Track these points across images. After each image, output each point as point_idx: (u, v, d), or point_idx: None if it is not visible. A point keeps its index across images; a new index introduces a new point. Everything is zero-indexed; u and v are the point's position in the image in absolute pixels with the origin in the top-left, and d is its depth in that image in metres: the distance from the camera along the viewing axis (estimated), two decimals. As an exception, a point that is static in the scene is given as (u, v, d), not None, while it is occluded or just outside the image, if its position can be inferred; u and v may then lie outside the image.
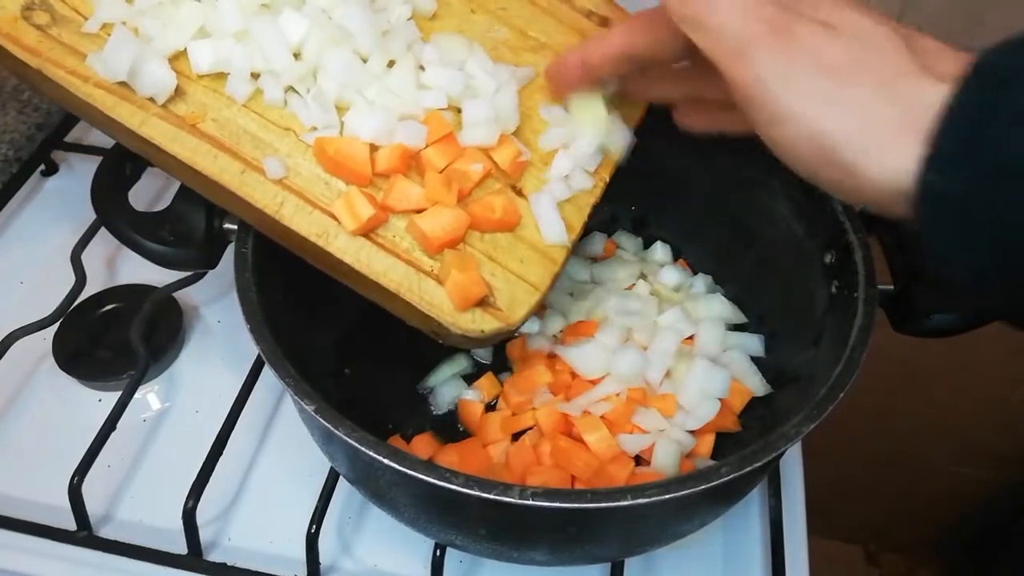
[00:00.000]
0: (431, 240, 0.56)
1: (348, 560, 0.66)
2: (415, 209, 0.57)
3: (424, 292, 0.56)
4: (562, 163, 0.62)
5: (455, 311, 0.56)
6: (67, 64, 0.57)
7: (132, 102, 0.57)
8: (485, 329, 0.57)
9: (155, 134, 0.56)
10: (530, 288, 0.59)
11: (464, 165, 0.59)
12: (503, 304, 0.58)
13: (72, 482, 0.63)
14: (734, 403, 0.69)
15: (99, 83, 0.57)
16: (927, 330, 0.62)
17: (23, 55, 0.57)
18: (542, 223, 0.61)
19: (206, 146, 0.57)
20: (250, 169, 0.57)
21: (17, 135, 0.89)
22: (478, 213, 0.58)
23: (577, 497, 0.49)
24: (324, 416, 0.51)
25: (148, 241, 0.62)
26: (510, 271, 0.59)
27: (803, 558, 0.66)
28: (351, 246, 0.56)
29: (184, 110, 0.58)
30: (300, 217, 0.56)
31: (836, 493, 1.48)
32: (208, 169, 0.56)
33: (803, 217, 0.68)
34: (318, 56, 0.59)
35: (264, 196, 0.56)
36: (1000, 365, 1.31)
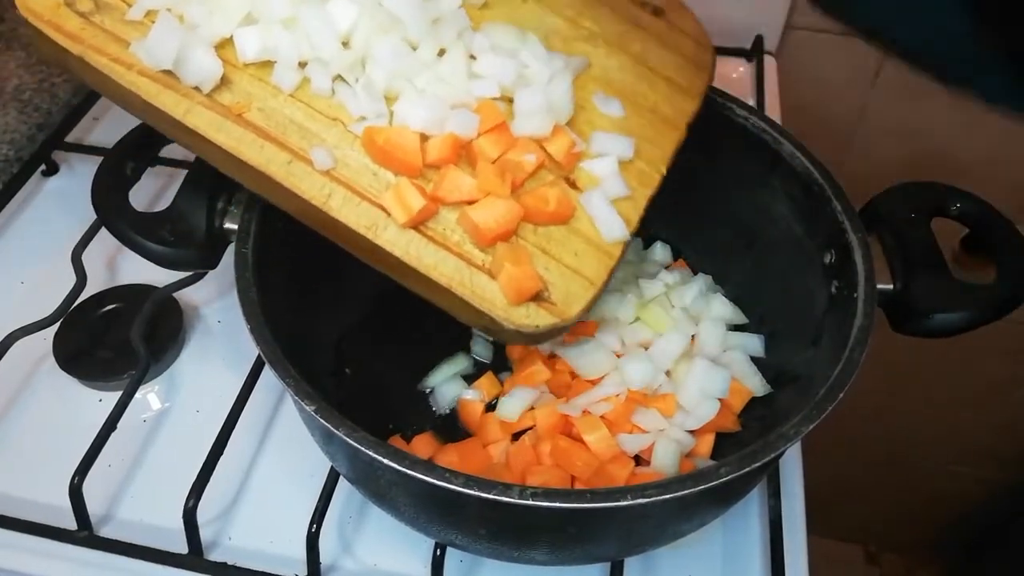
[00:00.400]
0: (483, 232, 0.55)
1: (348, 559, 0.66)
2: (467, 200, 0.56)
3: (476, 286, 0.55)
4: (609, 162, 0.60)
5: (508, 306, 0.54)
6: (110, 51, 0.56)
7: (176, 91, 0.56)
8: (540, 324, 0.55)
9: (200, 123, 0.55)
10: (586, 282, 0.57)
11: (517, 155, 0.57)
12: (558, 299, 0.56)
13: (73, 482, 0.63)
14: (734, 403, 0.69)
15: (142, 71, 0.56)
16: (926, 330, 0.62)
17: (65, 42, 0.56)
18: (599, 221, 0.59)
19: (251, 136, 0.56)
20: (297, 159, 0.56)
21: (18, 135, 0.89)
22: (531, 205, 0.57)
23: (577, 497, 0.49)
24: (324, 416, 0.51)
25: (148, 241, 0.62)
26: (565, 265, 0.57)
27: (803, 558, 0.66)
28: (400, 239, 0.55)
29: (229, 99, 0.56)
30: (348, 209, 0.55)
31: (836, 493, 1.48)
32: (254, 159, 0.55)
33: (803, 217, 0.69)
34: (367, 44, 0.57)
35: (311, 187, 0.55)
36: (999, 365, 1.31)
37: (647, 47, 0.67)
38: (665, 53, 0.67)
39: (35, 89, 0.93)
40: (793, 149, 0.67)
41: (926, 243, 0.64)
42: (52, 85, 0.94)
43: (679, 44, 0.68)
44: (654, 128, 0.64)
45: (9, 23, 1.00)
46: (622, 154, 0.61)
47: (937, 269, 0.63)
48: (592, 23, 0.66)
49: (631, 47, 0.66)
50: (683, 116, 0.66)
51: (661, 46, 0.67)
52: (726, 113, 0.70)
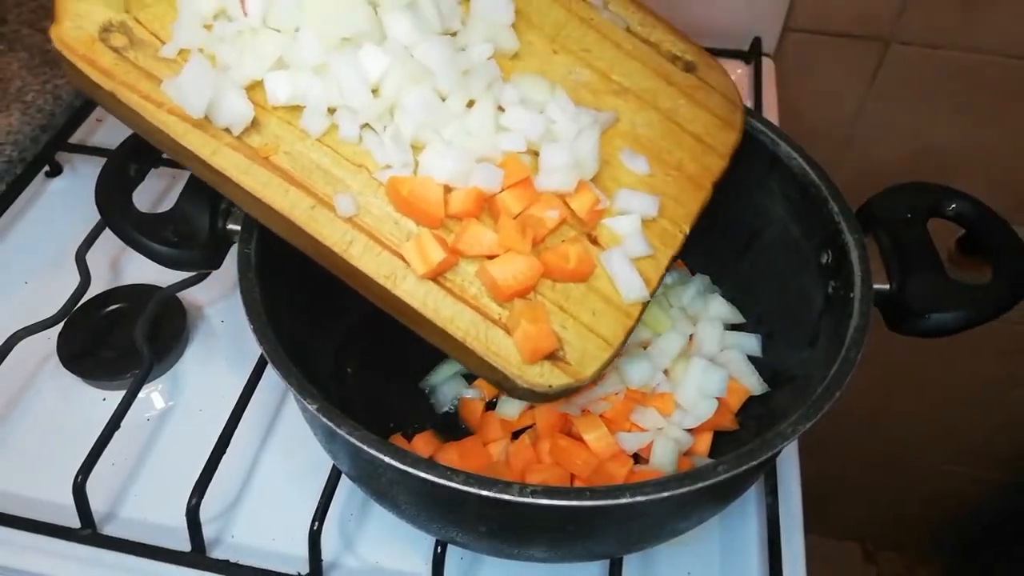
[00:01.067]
0: (501, 288, 0.54)
1: (350, 557, 0.66)
2: (487, 255, 0.56)
3: (491, 341, 0.54)
4: (632, 220, 0.60)
5: (522, 363, 0.54)
6: (141, 89, 0.56)
7: (205, 131, 0.56)
8: (553, 384, 0.54)
9: (227, 165, 0.55)
10: (602, 343, 0.56)
11: (540, 211, 0.57)
12: (573, 359, 0.55)
13: (76, 480, 0.63)
14: (732, 402, 0.70)
15: (172, 110, 0.56)
16: (923, 330, 0.63)
17: (98, 77, 0.56)
18: (618, 281, 0.58)
19: (277, 180, 0.56)
20: (320, 205, 0.56)
21: (22, 136, 0.90)
22: (551, 261, 0.56)
23: (576, 495, 0.49)
24: (326, 415, 0.51)
25: (152, 242, 0.63)
26: (582, 323, 0.57)
27: (800, 556, 0.66)
28: (418, 290, 0.55)
29: (258, 142, 0.57)
30: (368, 257, 0.55)
31: (833, 491, 1.48)
32: (278, 204, 0.55)
33: (800, 218, 0.69)
34: (397, 94, 0.57)
35: (333, 234, 0.55)
36: (997, 365, 1.31)
37: (677, 103, 0.66)
38: (694, 110, 0.67)
39: (38, 90, 0.94)
40: (790, 150, 0.68)
41: (922, 243, 0.64)
42: (55, 86, 0.94)
43: (709, 101, 0.67)
44: (679, 186, 0.64)
45: (12, 24, 1.00)
46: (646, 213, 0.61)
47: (933, 269, 0.63)
48: (622, 77, 0.65)
49: (661, 103, 0.66)
50: (709, 175, 0.66)
51: (691, 103, 0.67)
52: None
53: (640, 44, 0.67)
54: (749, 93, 1.03)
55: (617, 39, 0.67)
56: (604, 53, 0.66)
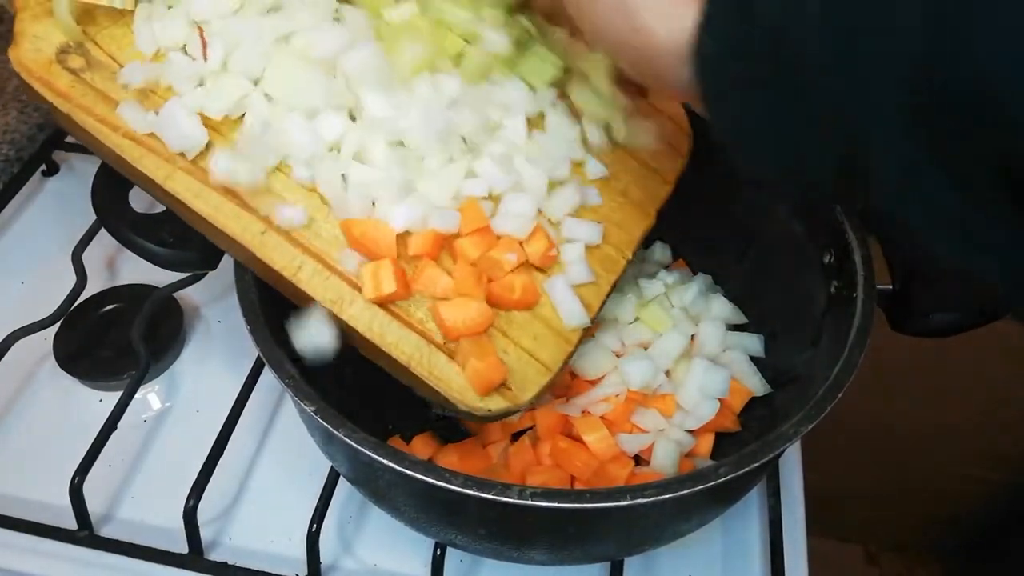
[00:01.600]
0: (450, 330, 0.55)
1: (349, 559, 0.66)
2: (441, 297, 0.56)
3: (434, 367, 0.55)
4: (576, 248, 0.61)
5: (464, 388, 0.55)
6: (97, 111, 0.56)
7: (159, 154, 0.56)
8: (492, 408, 0.55)
9: (179, 188, 0.56)
10: (542, 368, 0.57)
11: (498, 254, 0.57)
12: (513, 384, 0.56)
13: (73, 482, 0.63)
14: (734, 403, 0.69)
15: (127, 133, 0.56)
16: (926, 330, 0.62)
17: (54, 99, 0.56)
18: (560, 308, 0.59)
19: (229, 204, 0.56)
20: (270, 230, 0.56)
21: (18, 135, 0.89)
22: (497, 292, 0.57)
23: (576, 497, 0.49)
24: (324, 417, 0.51)
25: (148, 242, 0.62)
26: (523, 348, 0.57)
27: (802, 558, 0.66)
28: (364, 314, 0.55)
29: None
30: (316, 282, 0.55)
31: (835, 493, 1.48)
32: (230, 228, 0.56)
33: (802, 217, 0.69)
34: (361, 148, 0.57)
35: (283, 258, 0.56)
36: (1000, 365, 1.31)
37: (626, 128, 0.66)
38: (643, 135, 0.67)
39: (35, 89, 0.93)
40: (793, 149, 0.67)
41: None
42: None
43: (658, 126, 0.67)
44: (624, 212, 0.64)
45: (8, 23, 0.99)
46: (590, 240, 0.61)
47: (936, 269, 0.63)
48: (575, 99, 0.65)
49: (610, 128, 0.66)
50: (654, 202, 0.66)
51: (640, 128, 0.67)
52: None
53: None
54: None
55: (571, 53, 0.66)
56: None
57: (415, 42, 0.58)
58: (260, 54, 0.57)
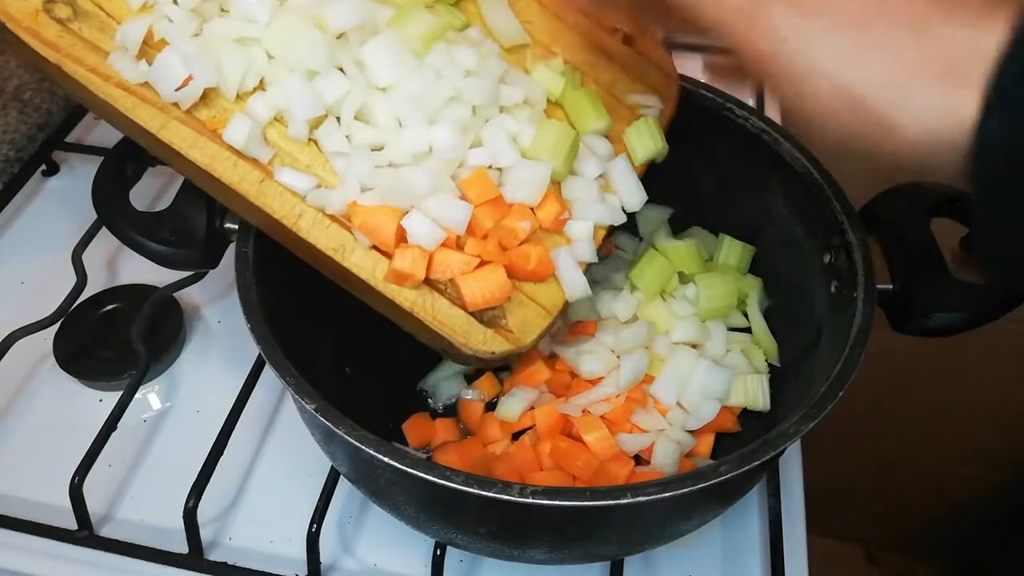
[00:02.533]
0: (468, 302, 0.56)
1: (349, 559, 0.66)
2: (460, 273, 0.56)
3: (437, 312, 0.56)
4: (586, 226, 0.61)
5: (467, 331, 0.56)
6: (88, 61, 0.55)
7: (153, 104, 0.55)
8: (496, 351, 0.56)
9: (175, 139, 0.55)
10: (542, 311, 0.59)
11: (511, 223, 0.57)
12: (514, 326, 0.57)
13: (73, 482, 0.63)
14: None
15: (120, 83, 0.55)
16: (926, 329, 0.62)
17: (42, 49, 0.55)
18: (564, 280, 0.60)
19: (226, 153, 0.56)
20: (268, 178, 0.56)
21: (18, 135, 0.89)
22: (513, 262, 0.58)
23: (577, 495, 0.49)
24: (325, 415, 0.51)
25: (149, 241, 0.62)
26: (523, 292, 0.58)
27: (802, 557, 0.66)
28: (367, 262, 0.56)
29: (206, 115, 0.56)
30: (318, 230, 0.56)
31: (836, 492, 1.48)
32: (227, 177, 0.55)
33: (803, 217, 0.69)
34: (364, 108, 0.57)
35: (282, 207, 0.56)
36: (1000, 364, 1.31)
37: (616, 76, 0.67)
38: (632, 83, 0.67)
39: (35, 89, 0.93)
40: (793, 149, 0.67)
41: (926, 243, 0.64)
42: (52, 85, 0.94)
43: (646, 74, 0.68)
44: None
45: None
46: (599, 221, 0.62)
47: (937, 269, 0.63)
48: (563, 49, 0.66)
49: (600, 76, 0.67)
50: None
51: (629, 76, 0.67)
52: (726, 113, 0.70)
53: (580, 16, 0.67)
54: (751, 91, 1.03)
55: (556, 9, 0.66)
56: (546, 25, 0.66)
57: (427, 13, 0.58)
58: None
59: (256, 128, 0.56)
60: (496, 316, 0.57)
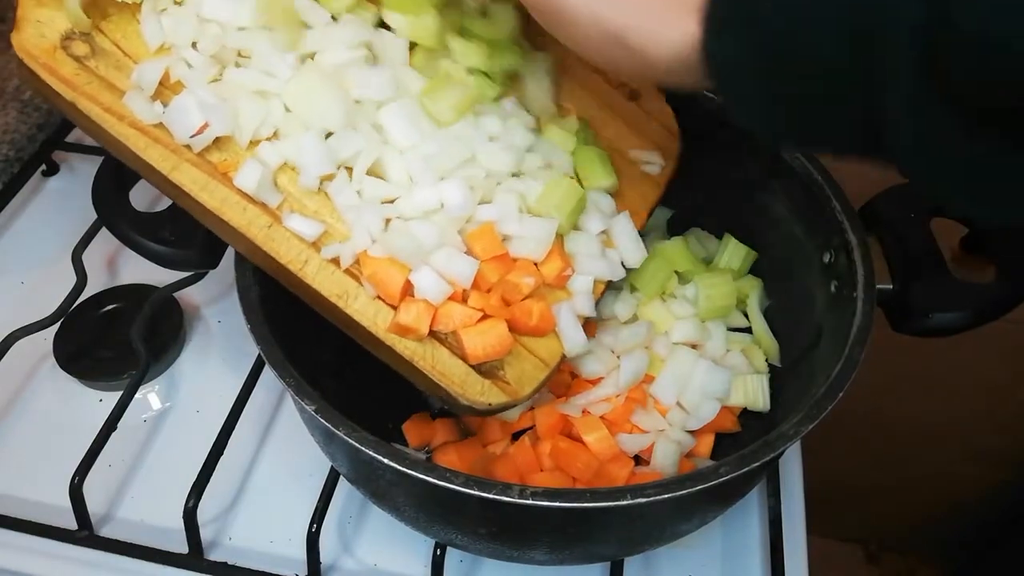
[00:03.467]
0: (469, 356, 0.56)
1: (349, 559, 0.66)
2: (460, 327, 0.57)
3: (437, 362, 0.56)
4: (586, 280, 0.62)
5: (464, 383, 0.56)
6: (103, 100, 0.56)
7: (166, 146, 0.56)
8: (492, 403, 0.56)
9: (185, 180, 0.55)
10: (539, 363, 0.59)
11: (516, 278, 0.58)
12: (512, 378, 0.57)
13: (73, 482, 0.63)
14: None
15: (133, 123, 0.56)
16: (926, 329, 0.62)
17: (58, 86, 0.55)
18: (564, 336, 0.60)
19: (236, 197, 0.56)
20: (277, 223, 0.56)
21: (18, 135, 0.89)
22: (516, 317, 0.58)
23: (577, 496, 0.49)
24: (325, 416, 0.51)
25: (149, 241, 0.62)
26: (522, 344, 0.59)
27: (802, 557, 0.66)
28: (368, 309, 0.56)
29: (218, 158, 0.56)
30: (323, 276, 0.56)
31: (836, 492, 1.48)
32: (236, 221, 0.56)
33: (802, 217, 0.69)
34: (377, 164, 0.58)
35: (289, 252, 0.56)
36: (1001, 365, 1.31)
37: (620, 132, 0.68)
38: (636, 139, 0.68)
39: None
40: (793, 149, 0.67)
41: (926, 243, 0.64)
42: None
43: (650, 131, 0.69)
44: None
45: (9, 23, 0.99)
46: (600, 276, 0.62)
47: (936, 269, 0.63)
48: (572, 104, 0.66)
49: (606, 132, 0.67)
50: (646, 204, 0.67)
51: (633, 132, 0.68)
52: (726, 113, 0.70)
53: (589, 72, 0.68)
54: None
55: (569, 64, 0.67)
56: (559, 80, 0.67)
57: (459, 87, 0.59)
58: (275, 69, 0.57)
59: (267, 173, 0.56)
60: (494, 367, 0.57)
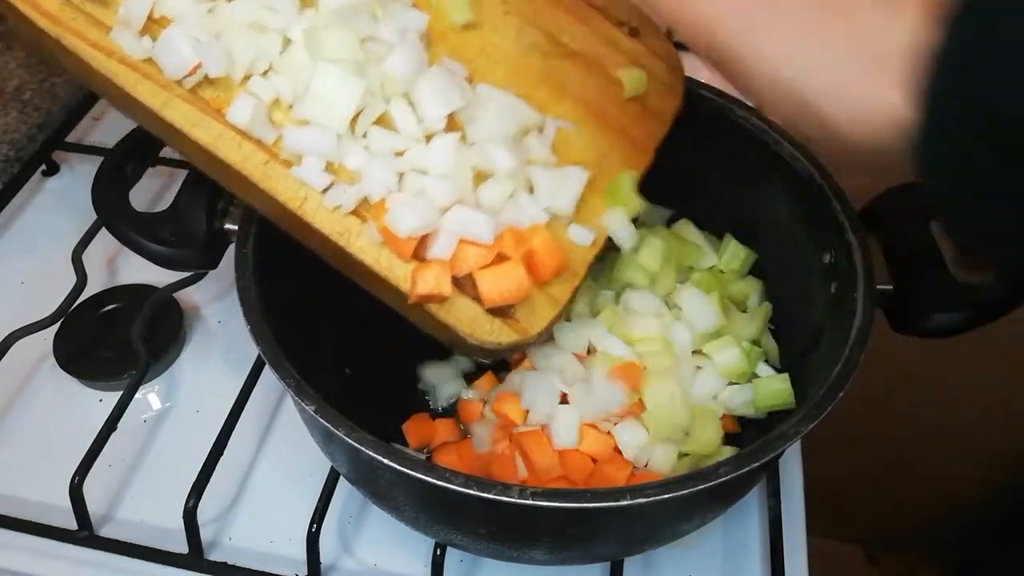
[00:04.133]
0: (485, 298, 0.54)
1: (349, 559, 0.66)
2: (474, 269, 0.54)
3: (445, 301, 0.54)
4: None
5: (472, 322, 0.54)
6: (89, 36, 0.54)
7: (156, 81, 0.53)
8: (502, 341, 0.55)
9: (177, 117, 0.53)
10: (550, 301, 0.57)
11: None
12: (522, 316, 0.56)
13: (73, 482, 0.63)
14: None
15: (122, 59, 0.53)
16: (926, 330, 0.62)
17: (42, 22, 0.53)
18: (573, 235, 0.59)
19: (230, 133, 0.54)
20: (273, 160, 0.54)
21: (18, 135, 0.89)
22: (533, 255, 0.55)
23: (576, 497, 0.49)
24: (324, 416, 0.51)
25: (149, 242, 0.62)
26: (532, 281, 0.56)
27: (802, 558, 0.66)
28: (372, 248, 0.54)
29: (211, 94, 0.54)
30: (323, 214, 0.54)
31: (836, 493, 1.48)
32: (231, 158, 0.54)
33: (803, 217, 0.68)
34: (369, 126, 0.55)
35: (287, 190, 0.54)
36: (1001, 365, 1.31)
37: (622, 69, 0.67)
38: (638, 77, 0.67)
39: (35, 89, 0.93)
40: (793, 150, 0.67)
41: (926, 244, 0.64)
42: (52, 85, 0.94)
43: (653, 67, 0.68)
44: (623, 151, 0.64)
45: (7, 24, 0.99)
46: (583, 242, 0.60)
47: (936, 270, 0.63)
48: (571, 40, 0.65)
49: (608, 68, 0.66)
50: (652, 140, 0.66)
51: (636, 69, 0.67)
52: (726, 113, 0.70)
53: (587, 8, 0.67)
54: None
55: (565, 2, 0.66)
56: (553, 15, 0.66)
57: None
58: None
59: (261, 108, 0.54)
60: (504, 306, 0.55)
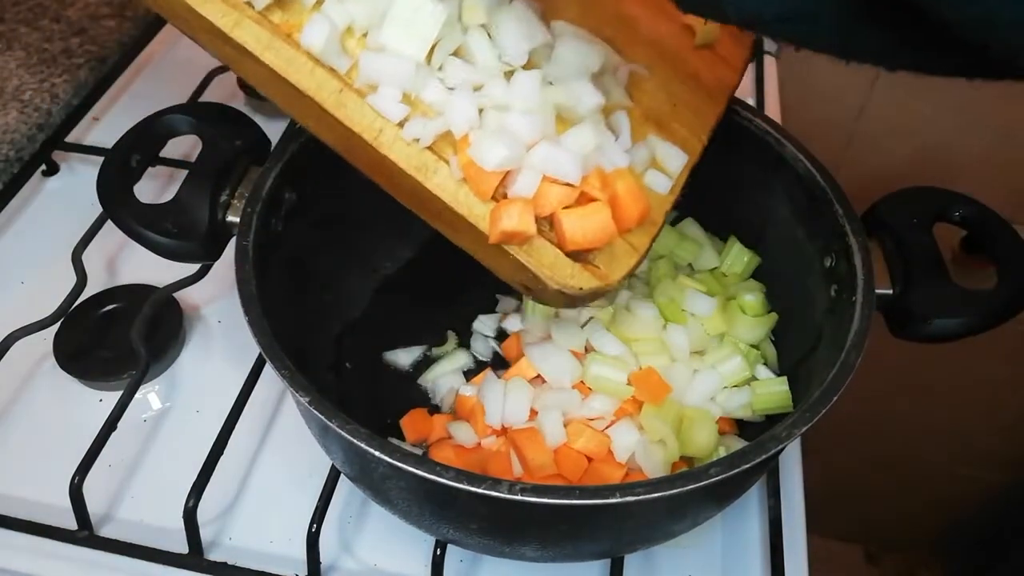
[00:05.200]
0: (567, 241, 0.52)
1: (349, 559, 0.66)
2: (560, 207, 0.52)
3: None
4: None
5: (554, 264, 0.52)
6: None
7: (225, 1, 0.51)
8: (584, 287, 0.53)
9: (249, 38, 0.51)
10: (630, 249, 0.55)
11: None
12: (602, 262, 0.54)
13: (73, 482, 0.63)
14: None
15: None
16: (925, 335, 0.62)
17: None
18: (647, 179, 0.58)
19: (303, 58, 0.51)
20: (347, 89, 0.52)
21: (18, 135, 0.89)
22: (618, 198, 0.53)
23: (566, 493, 0.48)
24: (319, 408, 0.51)
25: (152, 233, 0.62)
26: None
27: (802, 557, 0.66)
28: (450, 184, 0.52)
29: (280, 18, 0.52)
30: (399, 147, 0.51)
31: (836, 493, 1.48)
32: (303, 84, 0.51)
33: (804, 220, 0.68)
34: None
35: (363, 120, 0.51)
36: (1001, 367, 1.31)
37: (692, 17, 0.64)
38: (709, 24, 0.64)
39: (35, 89, 0.93)
40: (796, 152, 0.67)
41: (927, 248, 0.64)
42: (52, 85, 0.94)
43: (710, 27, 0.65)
44: (696, 96, 0.62)
45: (9, 23, 1.00)
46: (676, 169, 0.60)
47: (937, 275, 0.63)
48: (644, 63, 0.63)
49: (678, 14, 0.61)
50: (724, 88, 0.64)
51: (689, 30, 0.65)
52: (728, 114, 0.70)
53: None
54: (751, 92, 1.03)
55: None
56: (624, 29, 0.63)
57: None
58: None
59: (335, 33, 0.51)
60: (584, 251, 0.53)
